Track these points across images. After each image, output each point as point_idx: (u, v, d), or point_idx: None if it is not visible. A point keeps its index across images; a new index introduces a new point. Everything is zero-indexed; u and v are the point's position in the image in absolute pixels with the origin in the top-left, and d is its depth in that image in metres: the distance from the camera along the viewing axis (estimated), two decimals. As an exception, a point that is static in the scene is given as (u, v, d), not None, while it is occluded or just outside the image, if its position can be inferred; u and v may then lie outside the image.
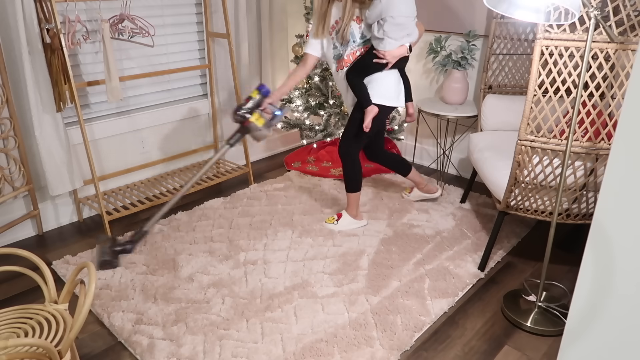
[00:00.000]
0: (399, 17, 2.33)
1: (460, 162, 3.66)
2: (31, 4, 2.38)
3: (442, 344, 2.03)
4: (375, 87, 2.53)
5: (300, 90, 3.59)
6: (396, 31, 2.37)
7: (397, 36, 2.39)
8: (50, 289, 1.57)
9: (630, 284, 1.42)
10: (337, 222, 2.83)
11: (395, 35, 2.38)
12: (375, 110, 2.51)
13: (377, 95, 2.53)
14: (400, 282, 2.38)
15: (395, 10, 2.31)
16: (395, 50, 2.42)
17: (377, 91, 2.53)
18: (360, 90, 2.52)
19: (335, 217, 2.86)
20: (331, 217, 2.88)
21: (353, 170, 2.72)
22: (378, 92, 2.53)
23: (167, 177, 3.29)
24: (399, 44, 2.42)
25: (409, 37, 2.45)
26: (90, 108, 2.97)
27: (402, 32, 2.40)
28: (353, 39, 2.53)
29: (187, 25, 3.29)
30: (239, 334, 2.02)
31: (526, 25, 2.96)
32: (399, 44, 2.42)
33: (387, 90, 2.55)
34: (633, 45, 1.86)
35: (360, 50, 2.55)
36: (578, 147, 2.03)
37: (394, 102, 2.59)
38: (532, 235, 2.84)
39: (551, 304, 2.15)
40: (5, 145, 2.57)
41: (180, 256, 2.54)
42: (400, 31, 2.39)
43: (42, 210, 2.82)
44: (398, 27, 2.36)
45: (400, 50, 2.44)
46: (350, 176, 2.74)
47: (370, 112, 2.50)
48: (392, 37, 2.37)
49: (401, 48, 2.44)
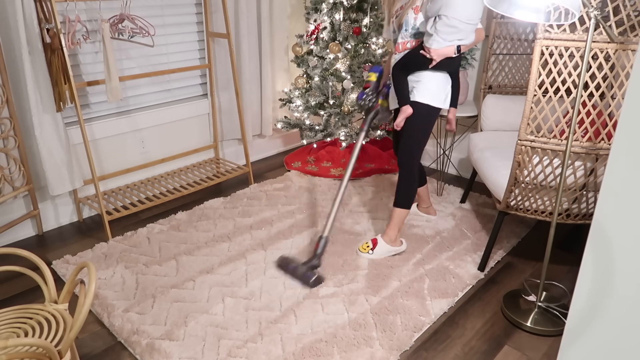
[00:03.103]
0: (453, 19, 2.17)
1: (460, 162, 3.66)
2: (31, 4, 2.38)
3: (442, 344, 2.03)
4: (422, 86, 2.39)
5: (300, 90, 3.59)
6: (448, 32, 2.21)
7: (447, 37, 2.22)
8: (50, 289, 1.57)
9: (630, 284, 1.42)
10: (372, 252, 2.57)
11: (445, 36, 2.22)
12: (409, 111, 2.38)
13: (423, 94, 2.38)
14: (400, 282, 2.37)
15: (452, 11, 2.15)
16: (441, 49, 2.26)
17: (423, 90, 2.39)
18: (401, 86, 2.40)
19: (370, 244, 2.60)
20: (365, 245, 2.61)
21: (408, 182, 2.51)
22: (424, 90, 2.38)
23: (167, 177, 3.29)
24: (447, 44, 2.25)
25: (460, 41, 2.27)
26: (90, 108, 2.97)
27: (453, 34, 2.22)
28: (405, 27, 2.38)
29: (187, 25, 3.29)
30: (239, 334, 2.02)
31: (526, 25, 2.96)
32: (447, 44, 2.25)
33: (434, 90, 2.39)
34: (633, 45, 1.86)
35: (412, 42, 2.40)
36: (578, 147, 2.03)
37: (440, 104, 2.41)
38: (532, 235, 2.84)
39: (551, 304, 2.15)
40: (5, 145, 2.57)
41: (180, 256, 2.54)
42: (451, 33, 2.21)
43: (42, 210, 2.82)
44: (451, 28, 2.20)
45: (447, 49, 2.27)
46: (404, 190, 2.52)
47: (404, 112, 2.39)
48: (442, 36, 2.22)
49: (448, 48, 2.26)
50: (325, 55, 3.44)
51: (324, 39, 3.43)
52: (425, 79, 2.39)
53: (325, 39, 3.43)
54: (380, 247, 2.57)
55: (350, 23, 3.38)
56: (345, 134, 3.56)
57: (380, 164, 3.61)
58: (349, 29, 3.38)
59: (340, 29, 3.40)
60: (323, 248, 2.39)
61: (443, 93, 2.42)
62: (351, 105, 3.45)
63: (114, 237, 2.73)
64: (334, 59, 3.43)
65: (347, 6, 3.35)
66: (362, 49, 3.41)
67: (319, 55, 3.47)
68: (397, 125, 2.43)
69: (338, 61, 3.43)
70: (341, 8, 3.35)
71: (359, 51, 3.40)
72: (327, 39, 3.43)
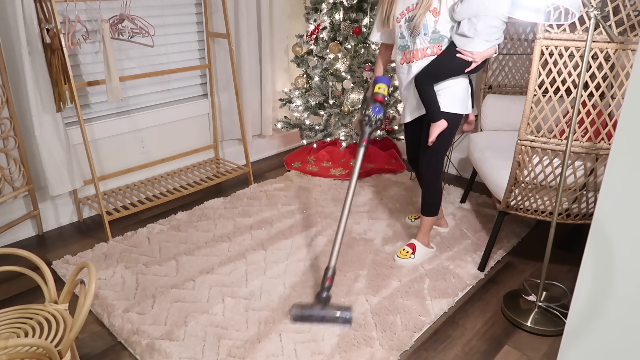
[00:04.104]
0: (496, 18, 2.08)
1: (460, 162, 3.66)
2: (31, 4, 2.38)
3: (442, 344, 2.03)
4: (449, 93, 2.26)
5: (300, 90, 3.60)
6: (491, 33, 2.12)
7: (490, 38, 2.14)
8: (50, 289, 1.57)
9: (630, 285, 1.42)
10: (414, 256, 2.52)
11: (488, 37, 2.13)
12: (444, 125, 2.25)
13: (452, 102, 2.26)
14: (400, 282, 2.37)
15: (496, 10, 2.02)
16: (484, 51, 2.16)
17: (451, 99, 2.26)
18: (431, 99, 2.25)
19: (409, 249, 2.54)
20: (404, 251, 2.54)
21: (434, 191, 2.46)
22: (452, 98, 2.27)
23: (167, 177, 3.30)
24: (489, 45, 2.16)
25: (498, 40, 2.20)
26: (90, 108, 2.97)
27: (495, 34, 2.14)
28: (425, 32, 2.21)
29: (187, 25, 3.29)
30: (239, 334, 2.02)
31: (526, 25, 2.96)
32: (490, 46, 2.16)
33: (460, 98, 2.29)
34: (633, 45, 1.86)
35: (432, 48, 2.24)
36: (578, 147, 2.03)
37: (466, 110, 2.33)
38: (532, 235, 2.84)
39: (551, 304, 2.15)
40: (5, 145, 2.57)
41: (180, 256, 2.54)
42: (494, 34, 2.14)
43: (42, 210, 2.82)
44: (494, 29, 2.11)
45: (490, 51, 2.18)
46: (431, 199, 2.47)
47: (439, 127, 2.25)
48: (485, 37, 2.12)
49: (491, 49, 2.18)
50: (325, 55, 3.44)
51: (324, 39, 3.43)
52: (451, 86, 2.26)
53: (325, 39, 3.43)
54: (420, 251, 2.54)
55: (350, 23, 3.37)
56: (345, 134, 3.56)
57: (380, 164, 3.61)
58: (349, 29, 3.38)
59: (340, 29, 3.40)
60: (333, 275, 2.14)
61: (467, 98, 2.32)
62: (351, 105, 3.45)
63: (114, 237, 2.73)
64: (334, 59, 3.44)
65: (347, 6, 3.35)
66: (362, 49, 3.41)
67: (319, 55, 3.47)
68: (431, 142, 2.29)
69: (338, 61, 3.43)
70: (341, 8, 3.35)
71: (359, 51, 3.40)
72: (327, 39, 3.43)
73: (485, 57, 2.19)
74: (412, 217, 2.93)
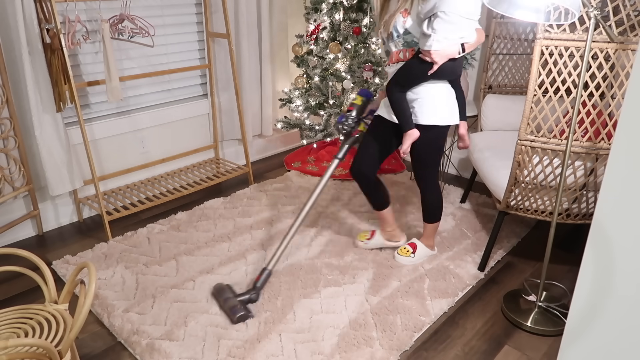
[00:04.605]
0: (452, 14, 1.97)
1: (460, 162, 3.66)
2: (31, 4, 2.38)
3: (442, 344, 2.03)
4: (423, 104, 2.15)
5: (300, 90, 3.60)
6: (448, 30, 1.99)
7: (448, 35, 2.00)
8: (50, 289, 1.57)
9: (630, 285, 1.42)
10: (413, 255, 2.50)
11: (445, 34, 1.99)
12: (416, 135, 2.16)
13: (426, 114, 2.16)
14: (400, 282, 2.37)
15: (449, 6, 1.96)
16: (443, 49, 2.01)
17: (426, 110, 2.15)
18: (401, 106, 2.15)
19: (409, 248, 2.51)
20: (404, 249, 2.52)
21: (433, 198, 2.40)
22: (427, 109, 2.16)
23: (167, 177, 3.30)
24: (448, 43, 2.02)
25: (462, 39, 2.05)
26: (90, 108, 2.97)
27: (454, 32, 2.01)
28: (396, 33, 2.14)
29: (187, 25, 3.29)
30: (239, 334, 2.02)
31: (526, 25, 2.96)
32: (448, 44, 2.02)
33: (438, 108, 2.17)
34: (633, 45, 1.86)
35: (405, 52, 2.15)
36: (578, 147, 2.03)
37: (448, 121, 2.20)
38: (532, 235, 2.84)
39: (551, 304, 2.15)
40: (5, 145, 2.57)
41: (180, 256, 2.54)
42: (452, 31, 2.00)
43: (42, 210, 2.81)
44: (450, 25, 1.99)
45: (450, 50, 2.02)
46: (431, 209, 2.44)
47: (410, 137, 2.16)
48: (442, 34, 1.99)
49: (451, 48, 2.03)
50: (325, 55, 3.44)
51: (324, 39, 3.43)
52: (425, 95, 2.15)
53: (325, 39, 3.43)
54: (421, 251, 2.52)
55: (350, 23, 3.37)
56: (345, 134, 3.56)
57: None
58: (348, 29, 3.38)
59: (340, 29, 3.40)
60: (264, 281, 2.23)
61: (447, 107, 2.19)
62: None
63: (114, 237, 2.73)
64: (334, 59, 3.43)
65: (347, 6, 3.35)
66: (362, 49, 3.41)
67: (319, 55, 3.47)
68: (404, 153, 2.20)
69: (338, 61, 3.43)
70: (341, 8, 3.35)
71: (359, 51, 3.40)
72: (327, 39, 3.43)
73: (445, 56, 2.04)
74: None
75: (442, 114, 2.18)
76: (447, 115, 2.20)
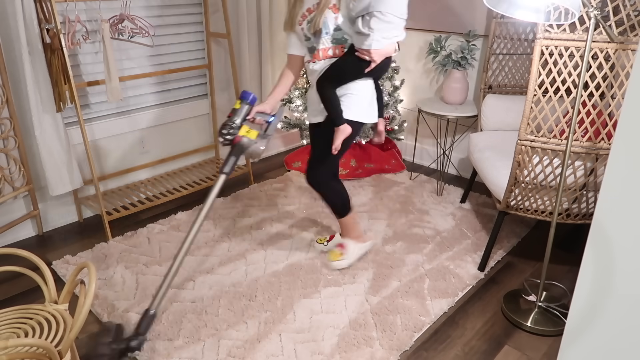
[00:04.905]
0: (388, 14, 2.00)
1: (460, 162, 3.66)
2: (31, 4, 2.38)
3: (442, 344, 2.03)
4: (351, 101, 2.15)
5: (300, 91, 3.59)
6: (386, 29, 2.03)
7: (387, 34, 2.05)
8: (50, 289, 1.57)
9: (630, 284, 1.42)
10: (344, 257, 2.42)
11: (384, 33, 2.03)
12: (348, 131, 2.13)
13: (353, 110, 2.16)
14: (400, 282, 2.37)
15: (386, 6, 1.98)
16: (383, 48, 2.05)
17: (352, 105, 2.15)
18: (333, 104, 2.14)
19: (339, 250, 2.45)
20: (333, 253, 2.45)
21: (334, 195, 2.34)
22: (354, 106, 2.15)
23: (167, 177, 3.29)
24: (387, 42, 2.06)
25: (396, 38, 2.10)
26: (90, 108, 2.97)
27: (391, 31, 2.05)
28: (326, 30, 2.10)
29: (187, 25, 3.29)
30: (239, 334, 2.02)
31: (526, 25, 2.96)
32: (387, 43, 2.06)
33: (364, 104, 2.20)
34: (633, 45, 1.86)
35: (334, 49, 2.14)
36: (578, 147, 2.03)
37: (370, 118, 2.23)
38: (532, 235, 2.84)
39: (551, 304, 2.15)
40: (5, 145, 2.57)
41: (180, 256, 2.54)
42: (389, 30, 2.04)
43: (42, 210, 2.81)
44: (388, 24, 2.02)
45: (388, 48, 2.07)
46: (334, 202, 2.36)
47: (343, 132, 2.13)
48: (381, 34, 2.02)
49: (389, 47, 2.08)
50: (325, 55, 3.44)
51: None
52: (353, 92, 2.16)
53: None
54: (349, 249, 2.43)
55: (350, 23, 3.37)
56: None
57: (380, 164, 3.61)
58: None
59: (340, 29, 3.39)
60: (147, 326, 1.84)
61: (372, 105, 2.22)
62: None
63: (114, 237, 2.73)
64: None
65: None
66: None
67: (319, 55, 3.46)
68: (336, 149, 2.15)
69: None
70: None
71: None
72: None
73: (384, 55, 2.09)
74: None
75: (367, 111, 2.21)
76: (371, 113, 2.24)
